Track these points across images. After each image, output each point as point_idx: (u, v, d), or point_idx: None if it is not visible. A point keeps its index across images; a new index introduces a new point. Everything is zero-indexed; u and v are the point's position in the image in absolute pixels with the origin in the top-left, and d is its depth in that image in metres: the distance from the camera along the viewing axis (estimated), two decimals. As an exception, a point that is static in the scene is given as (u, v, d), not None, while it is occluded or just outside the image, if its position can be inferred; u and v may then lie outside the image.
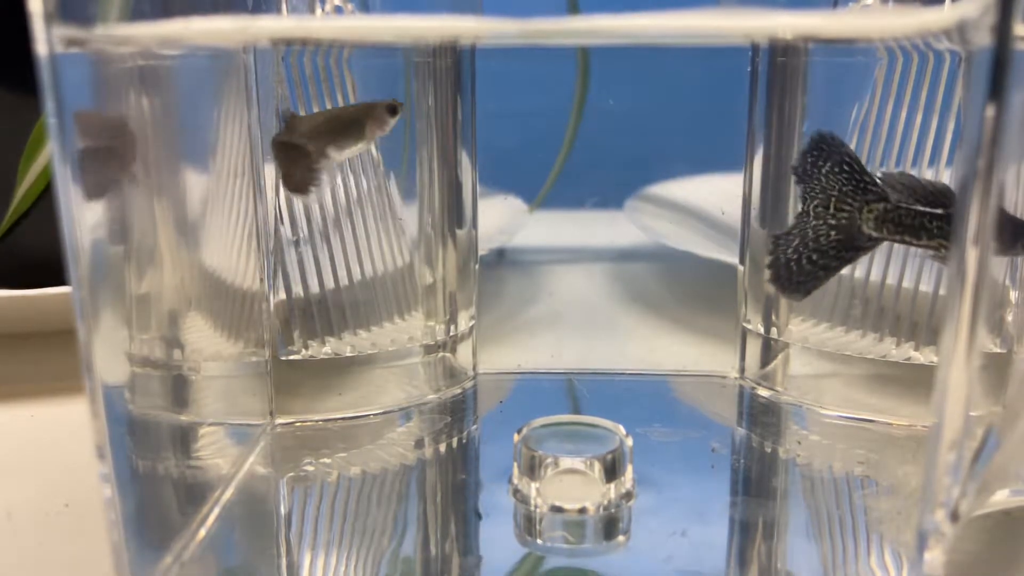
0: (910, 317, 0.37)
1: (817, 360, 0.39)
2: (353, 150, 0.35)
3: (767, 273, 0.34)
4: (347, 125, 0.34)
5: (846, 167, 0.31)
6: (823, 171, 0.32)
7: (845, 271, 0.37)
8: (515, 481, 0.31)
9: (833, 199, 0.32)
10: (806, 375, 0.39)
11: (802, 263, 0.32)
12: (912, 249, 0.36)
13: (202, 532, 0.29)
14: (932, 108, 0.35)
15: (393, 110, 0.35)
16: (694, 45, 0.27)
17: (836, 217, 0.32)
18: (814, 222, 0.32)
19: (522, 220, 0.52)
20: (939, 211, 0.31)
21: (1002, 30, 0.22)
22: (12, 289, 0.46)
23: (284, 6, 0.35)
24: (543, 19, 0.25)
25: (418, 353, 0.40)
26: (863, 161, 0.36)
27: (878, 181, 0.32)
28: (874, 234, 0.31)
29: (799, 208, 0.33)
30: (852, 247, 0.32)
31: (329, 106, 0.36)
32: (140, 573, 0.26)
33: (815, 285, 0.33)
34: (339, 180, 0.38)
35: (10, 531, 0.32)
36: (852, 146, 0.37)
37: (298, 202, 0.37)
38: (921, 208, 0.31)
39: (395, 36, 0.30)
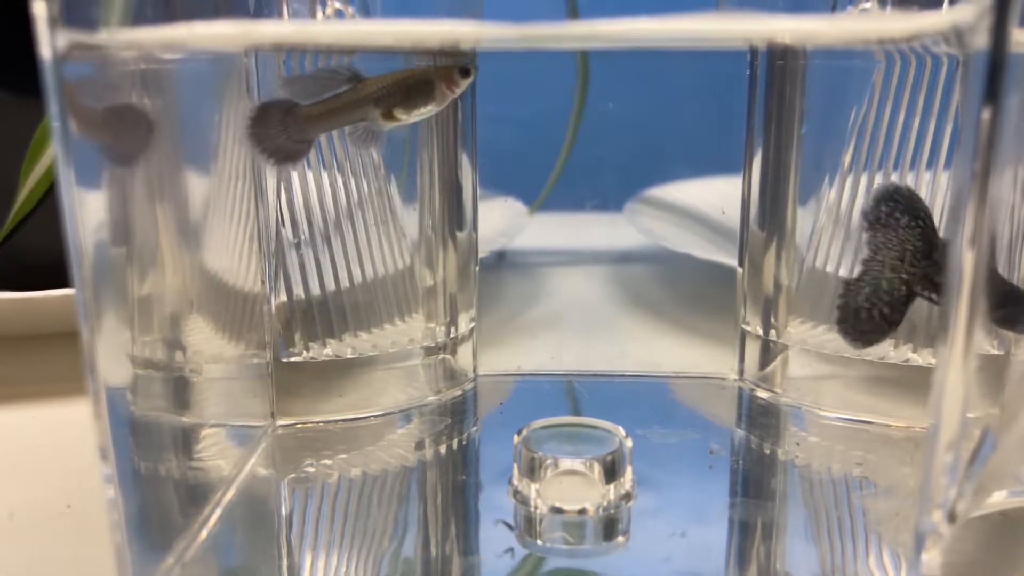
0: (909, 319, 0.37)
1: (816, 362, 0.39)
2: (422, 112, 0.34)
3: (835, 314, 0.33)
4: (417, 86, 0.33)
5: (921, 222, 0.31)
6: (901, 223, 0.31)
7: (842, 273, 0.38)
8: (515, 482, 0.31)
9: (909, 253, 0.31)
10: (805, 377, 0.39)
11: (873, 314, 0.32)
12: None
13: (204, 533, 0.29)
14: (930, 111, 0.35)
15: (466, 72, 0.33)
16: (693, 49, 0.27)
17: (909, 272, 0.31)
18: (890, 274, 0.32)
19: (522, 222, 0.52)
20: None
21: (998, 33, 0.22)
22: (15, 291, 0.46)
23: (285, 10, 0.35)
24: (542, 24, 0.25)
25: (418, 355, 0.40)
26: (865, 164, 0.36)
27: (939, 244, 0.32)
28: (919, 291, 0.31)
29: (866, 254, 0.32)
30: (910, 302, 0.32)
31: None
32: (142, 574, 0.26)
33: (880, 338, 0.32)
34: (340, 182, 0.38)
35: (12, 532, 0.32)
36: (850, 149, 0.37)
37: (299, 204, 0.37)
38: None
39: (395, 40, 0.30)
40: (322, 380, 0.38)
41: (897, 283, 0.31)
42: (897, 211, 0.31)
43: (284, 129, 0.33)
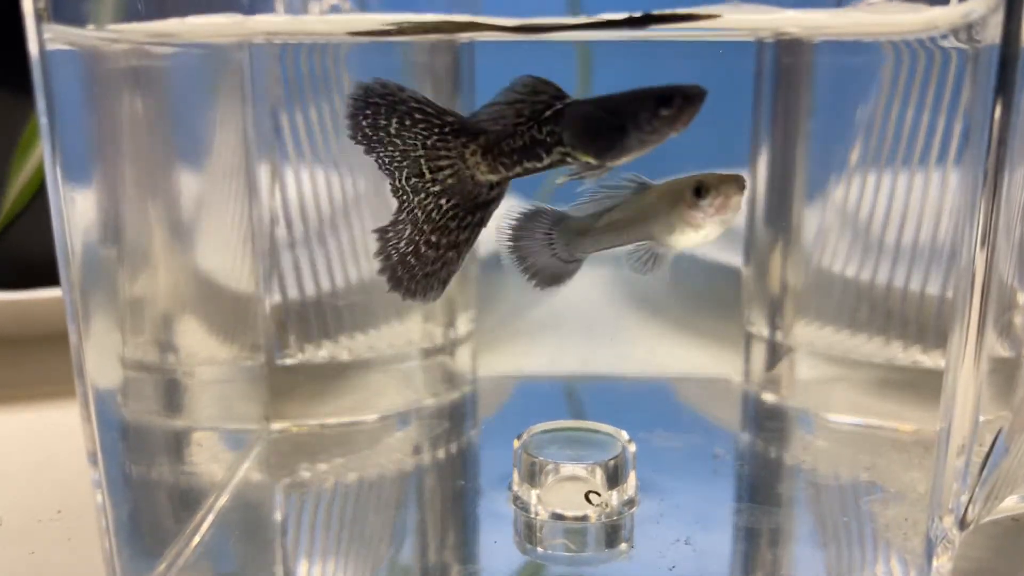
0: (917, 320, 0.36)
1: (823, 364, 0.38)
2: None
3: (386, 278, 0.26)
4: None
5: (418, 115, 0.24)
6: (392, 130, 0.25)
7: (850, 273, 0.37)
8: (515, 488, 0.31)
9: (422, 159, 0.25)
10: (811, 379, 0.39)
11: (421, 252, 0.25)
12: (920, 249, 0.35)
13: (196, 539, 0.29)
14: (939, 108, 0.35)
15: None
16: (699, 42, 0.26)
17: (439, 180, 0.25)
18: (416, 197, 0.25)
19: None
20: (544, 116, 0.25)
21: (1008, 27, 0.21)
22: (8, 290, 0.46)
23: (280, 3, 0.35)
24: (541, 16, 0.25)
25: (416, 357, 0.40)
26: (873, 161, 0.36)
27: (462, 115, 0.25)
28: (491, 178, 0.25)
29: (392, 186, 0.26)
30: (474, 206, 0.26)
31: (325, 106, 0.36)
32: (132, 581, 0.25)
33: (449, 272, 0.26)
34: (335, 180, 0.37)
35: (2, 538, 0.31)
36: (858, 146, 0.36)
37: (294, 202, 0.36)
38: (520, 121, 0.25)
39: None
40: (317, 383, 0.38)
41: (430, 201, 0.25)
42: (381, 116, 0.25)
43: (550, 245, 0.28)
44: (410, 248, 0.26)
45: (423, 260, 0.26)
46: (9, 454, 0.38)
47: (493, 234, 0.50)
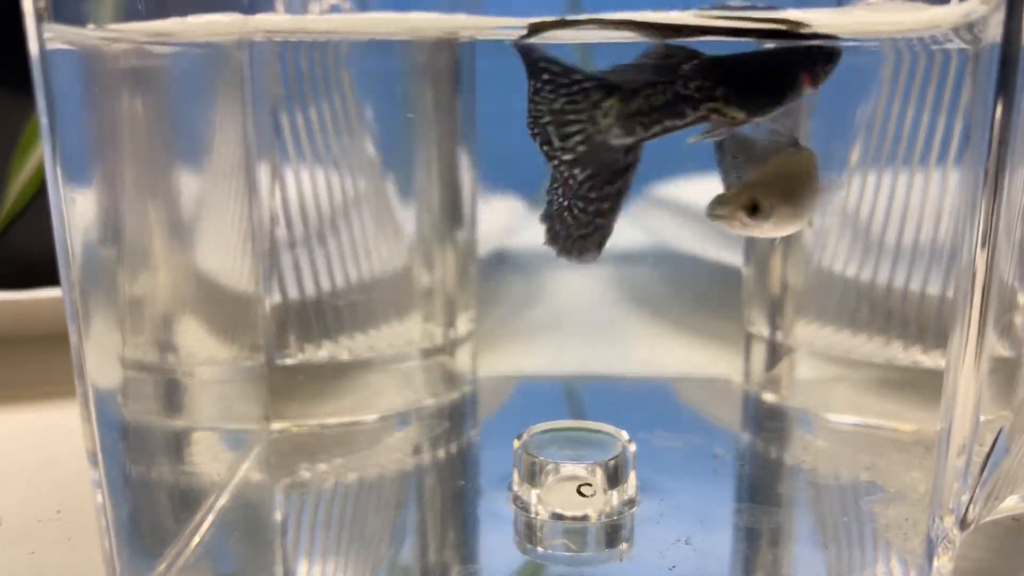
0: (917, 320, 0.36)
1: (823, 364, 0.38)
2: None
3: (545, 237, 0.25)
4: None
5: (546, 76, 0.23)
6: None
7: (850, 273, 0.37)
8: (515, 488, 0.31)
9: (551, 127, 0.23)
10: (811, 379, 0.39)
11: (575, 213, 0.25)
12: (920, 249, 0.35)
13: (196, 539, 0.29)
14: (939, 107, 0.34)
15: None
16: (698, 42, 0.26)
17: (570, 148, 0.23)
18: (550, 164, 0.24)
19: (522, 221, 0.51)
20: (686, 69, 0.23)
21: (1010, 26, 0.21)
22: (8, 290, 0.46)
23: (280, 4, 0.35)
24: (544, 16, 0.25)
25: (416, 357, 0.39)
26: (873, 161, 0.35)
27: (592, 74, 0.23)
28: (627, 140, 0.23)
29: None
30: (612, 173, 0.24)
31: (325, 106, 0.36)
32: (132, 581, 0.25)
33: (604, 236, 0.25)
34: (335, 179, 0.37)
35: (2, 538, 0.31)
36: (857, 146, 0.36)
37: (293, 202, 0.36)
38: (661, 79, 0.23)
39: (392, 32, 0.30)
40: (317, 383, 0.38)
41: (566, 170, 0.24)
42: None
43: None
44: (565, 204, 0.25)
45: (578, 222, 0.25)
46: (9, 454, 0.38)
47: (494, 235, 0.50)
